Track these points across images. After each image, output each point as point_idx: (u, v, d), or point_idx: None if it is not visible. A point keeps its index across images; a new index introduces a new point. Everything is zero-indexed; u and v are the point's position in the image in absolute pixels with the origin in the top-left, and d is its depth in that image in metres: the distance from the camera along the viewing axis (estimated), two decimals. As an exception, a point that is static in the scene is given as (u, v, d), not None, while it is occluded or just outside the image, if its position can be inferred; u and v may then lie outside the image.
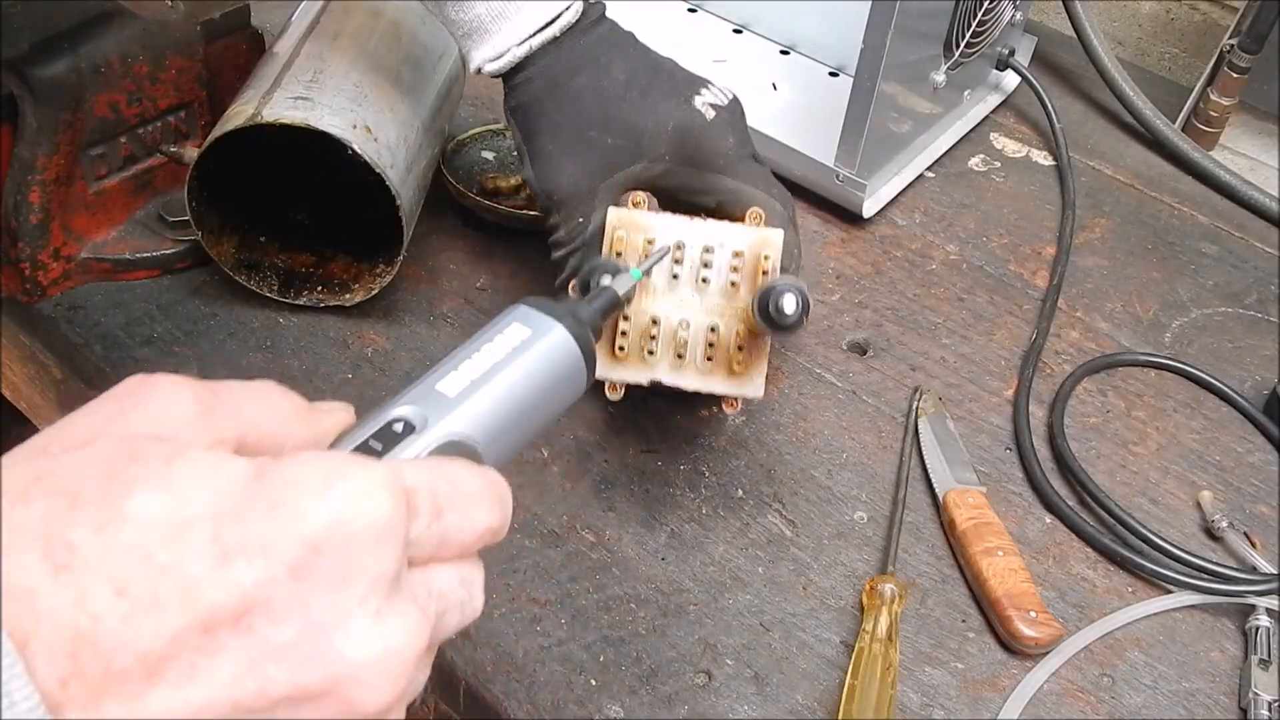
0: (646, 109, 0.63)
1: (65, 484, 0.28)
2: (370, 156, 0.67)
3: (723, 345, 0.60)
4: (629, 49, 0.65)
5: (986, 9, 0.87)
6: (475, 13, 0.61)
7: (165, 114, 0.75)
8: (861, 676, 0.56)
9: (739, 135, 0.65)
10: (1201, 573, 0.64)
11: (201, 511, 0.28)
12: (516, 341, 0.38)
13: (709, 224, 0.61)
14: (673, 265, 0.60)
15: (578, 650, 0.59)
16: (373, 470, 0.30)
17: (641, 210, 0.61)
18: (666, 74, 0.65)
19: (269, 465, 0.30)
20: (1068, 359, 0.78)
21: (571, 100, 0.62)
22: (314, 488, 0.29)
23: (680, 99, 0.63)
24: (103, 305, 0.74)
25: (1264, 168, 1.02)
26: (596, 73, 0.63)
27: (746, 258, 0.60)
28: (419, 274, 0.77)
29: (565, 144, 0.63)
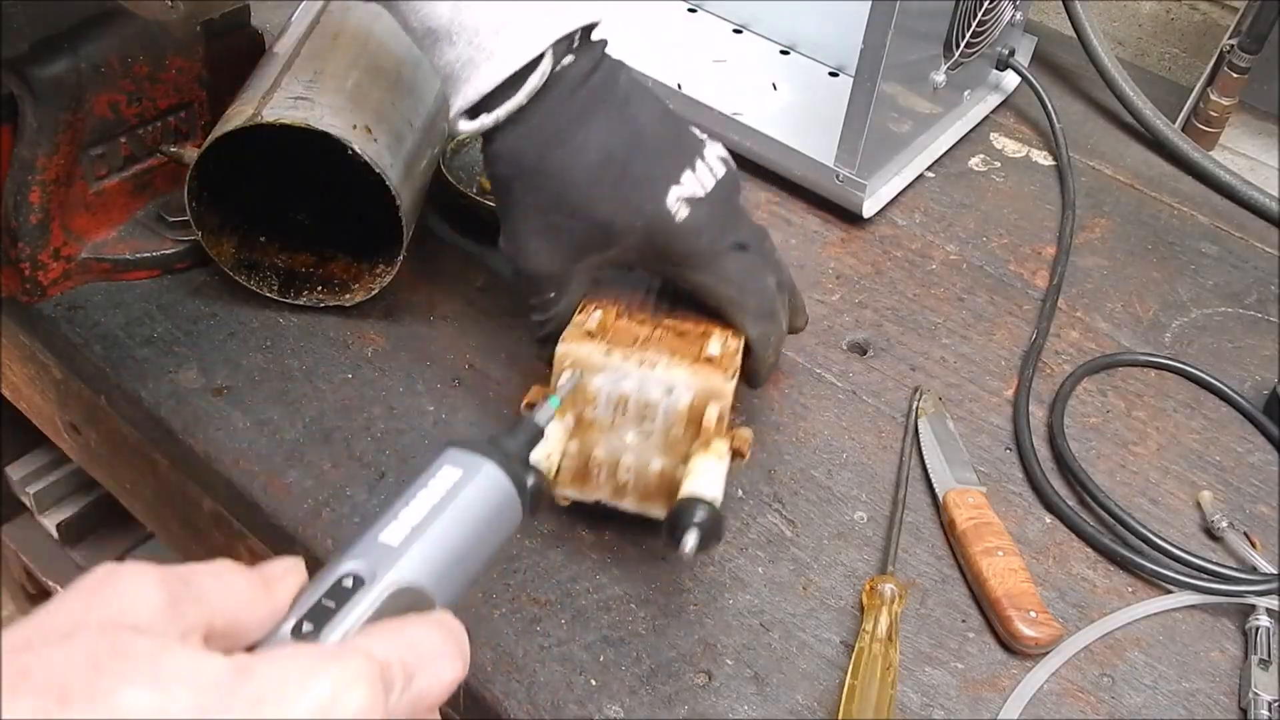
0: (618, 200, 0.58)
1: (52, 679, 0.29)
2: (370, 156, 0.67)
3: (666, 480, 0.59)
4: (613, 117, 0.58)
5: (986, 9, 0.87)
6: (445, 60, 0.57)
7: (165, 114, 0.75)
8: (861, 676, 0.56)
9: (718, 228, 0.59)
10: (1201, 573, 0.64)
11: (188, 707, 0.29)
12: (450, 484, 0.40)
13: (657, 370, 0.57)
14: (615, 405, 0.58)
15: (578, 650, 0.59)
16: (348, 662, 0.31)
17: (594, 346, 0.58)
18: (646, 154, 0.58)
19: (249, 663, 0.31)
20: (1068, 359, 0.78)
21: (540, 184, 0.58)
22: (295, 686, 0.30)
23: (655, 189, 0.58)
24: (103, 305, 0.74)
25: (1264, 168, 1.02)
26: (568, 155, 0.57)
27: (692, 408, 0.57)
28: (419, 274, 0.77)
29: (535, 226, 0.59)
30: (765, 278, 0.62)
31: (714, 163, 0.60)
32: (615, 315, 0.61)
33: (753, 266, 0.61)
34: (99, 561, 1.13)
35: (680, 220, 0.58)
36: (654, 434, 0.58)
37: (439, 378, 0.72)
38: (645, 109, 0.60)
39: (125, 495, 0.82)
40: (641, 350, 0.58)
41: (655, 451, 0.59)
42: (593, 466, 0.59)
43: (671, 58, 0.97)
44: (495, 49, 0.55)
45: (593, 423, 0.58)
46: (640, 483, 0.59)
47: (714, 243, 0.59)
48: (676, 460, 0.58)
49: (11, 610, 1.49)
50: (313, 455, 0.66)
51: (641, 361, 0.57)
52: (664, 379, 0.57)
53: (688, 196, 0.58)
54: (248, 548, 0.70)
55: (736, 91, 0.94)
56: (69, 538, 1.23)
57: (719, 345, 0.59)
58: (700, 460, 0.56)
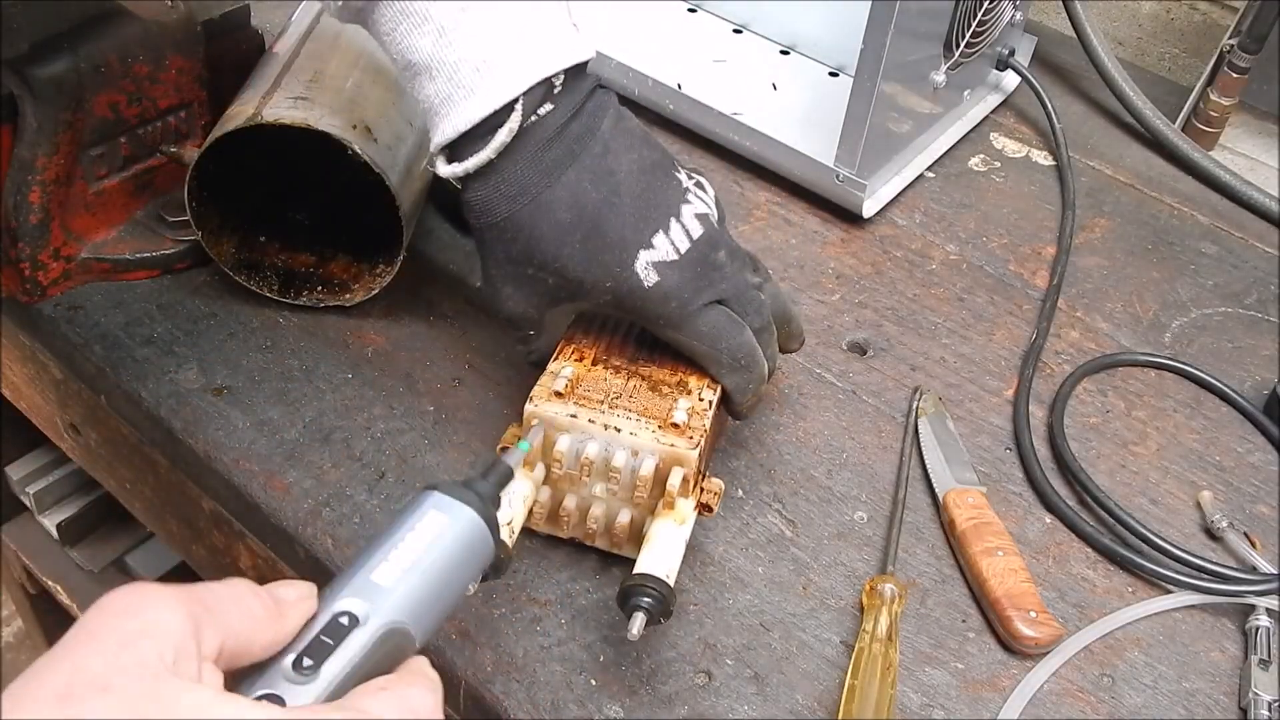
0: (586, 260, 0.57)
1: None
2: (370, 157, 0.67)
3: (635, 528, 0.59)
4: (585, 173, 0.56)
5: (986, 9, 0.87)
6: (425, 94, 0.56)
7: (165, 114, 0.75)
8: (861, 676, 0.56)
9: (690, 291, 0.58)
10: (1201, 573, 0.64)
11: None
12: (435, 529, 0.44)
13: (623, 435, 0.57)
14: (581, 464, 0.58)
15: (578, 650, 0.59)
16: None
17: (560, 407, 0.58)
18: (619, 215, 0.57)
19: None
20: (1068, 359, 0.78)
21: (510, 237, 0.57)
22: None
23: (625, 253, 0.56)
24: (103, 305, 0.74)
25: (1264, 168, 1.02)
26: (536, 211, 0.56)
27: (658, 472, 0.57)
28: (419, 274, 0.77)
29: (507, 274, 0.59)
30: (741, 331, 0.60)
31: (690, 223, 0.58)
32: (591, 361, 0.61)
33: (727, 322, 0.59)
34: (99, 561, 1.13)
35: (649, 286, 0.57)
36: (621, 490, 0.59)
37: (439, 378, 0.72)
38: (625, 158, 0.57)
39: (125, 495, 0.82)
40: (610, 410, 0.58)
41: (623, 505, 0.59)
42: (563, 514, 0.60)
43: (671, 58, 0.97)
44: (475, 86, 0.54)
45: (563, 475, 0.59)
46: (609, 531, 0.60)
47: (684, 306, 0.58)
48: (645, 512, 0.59)
49: (11, 610, 1.49)
50: (313, 455, 0.66)
51: (606, 425, 0.57)
52: (629, 444, 0.57)
53: (658, 261, 0.57)
54: (248, 548, 0.70)
55: (736, 91, 0.94)
56: (69, 538, 1.23)
57: (685, 410, 0.58)
58: (659, 526, 0.56)
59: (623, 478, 0.58)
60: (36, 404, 0.83)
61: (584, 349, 0.62)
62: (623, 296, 0.58)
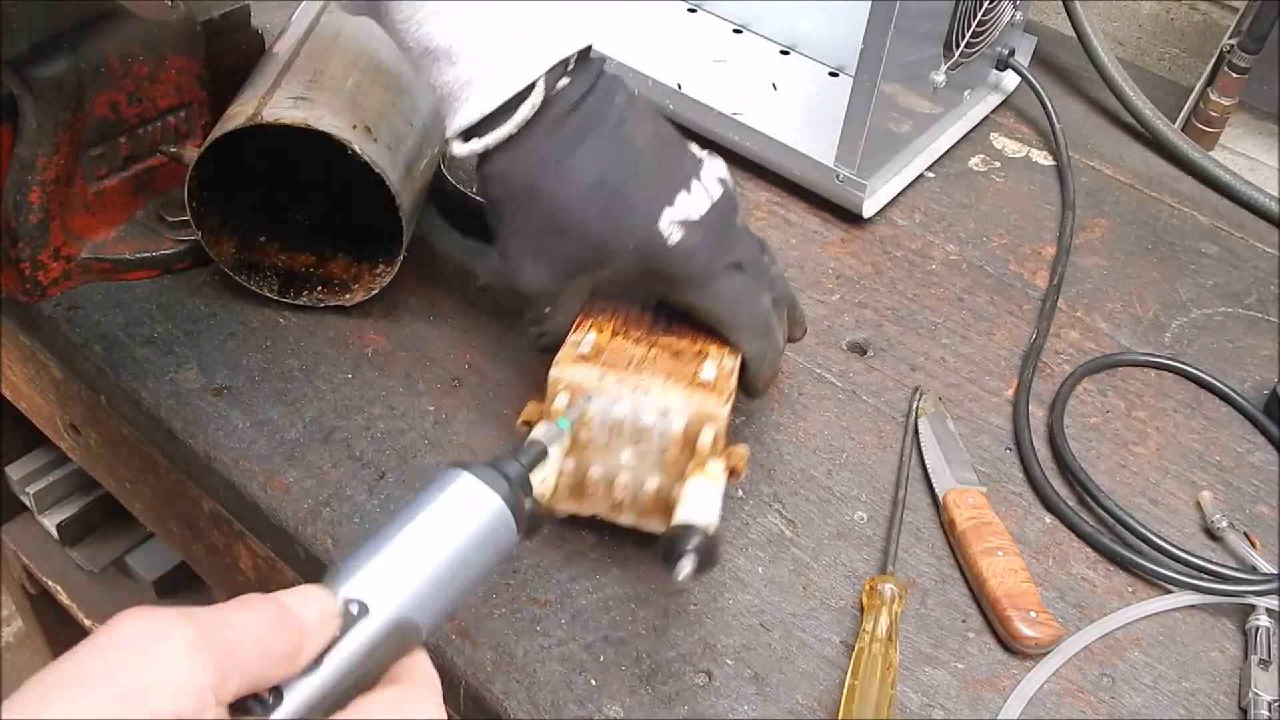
0: (610, 223, 0.57)
1: None
2: (370, 156, 0.67)
3: (662, 498, 0.59)
4: (605, 141, 0.58)
5: (986, 9, 0.87)
6: (443, 79, 0.57)
7: (165, 114, 0.75)
8: (861, 676, 0.56)
9: (712, 251, 0.58)
10: (1201, 573, 0.64)
11: None
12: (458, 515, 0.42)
13: (650, 395, 0.57)
14: (610, 427, 0.58)
15: (578, 650, 0.59)
16: None
17: (588, 370, 0.58)
18: (640, 178, 0.57)
19: None
20: (1068, 359, 0.78)
21: (532, 206, 0.58)
22: None
23: (648, 213, 0.57)
24: (103, 305, 0.74)
25: (1264, 168, 1.02)
26: (559, 177, 0.57)
27: (687, 430, 0.57)
28: (419, 274, 0.77)
29: (526, 246, 0.59)
30: (760, 297, 0.61)
31: (710, 184, 0.59)
32: (610, 334, 0.61)
33: (747, 286, 0.60)
34: (99, 561, 1.12)
35: (673, 244, 0.57)
36: (649, 455, 0.58)
37: (439, 378, 0.72)
38: (640, 129, 0.59)
39: (125, 495, 0.82)
40: (636, 373, 0.58)
41: (651, 471, 0.59)
42: (589, 484, 0.59)
43: (671, 58, 0.97)
44: (496, 70, 0.55)
45: (588, 443, 0.58)
46: (636, 501, 0.59)
47: (708, 265, 0.58)
48: (673, 479, 0.58)
49: (11, 610, 1.49)
50: (313, 455, 0.66)
51: (635, 386, 0.57)
52: (658, 404, 0.57)
53: (681, 219, 0.57)
54: (248, 548, 0.70)
55: (736, 91, 0.94)
56: (69, 538, 1.23)
57: (714, 369, 0.59)
58: (694, 483, 0.56)
59: (652, 440, 0.57)
60: (36, 404, 0.83)
61: (601, 323, 0.62)
62: (646, 257, 0.58)
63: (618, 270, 0.59)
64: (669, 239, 0.57)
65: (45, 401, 0.81)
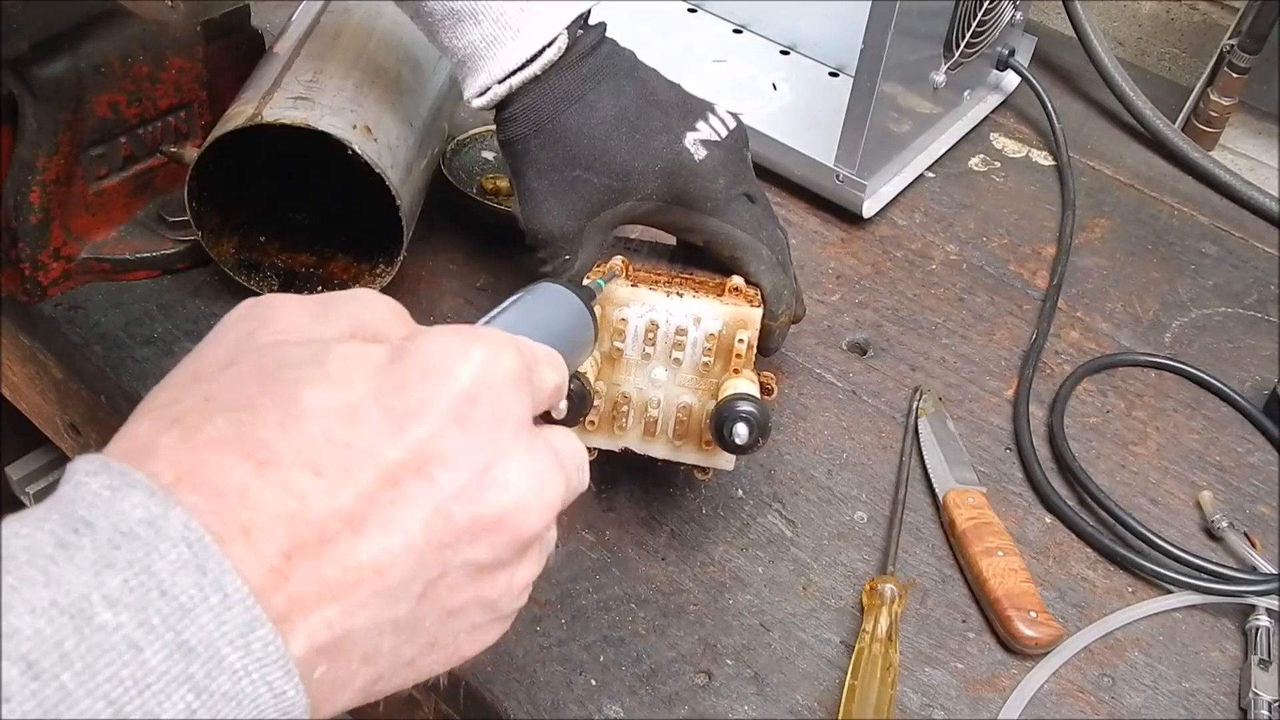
0: (634, 147, 0.61)
1: (236, 397, 0.32)
2: (370, 156, 0.67)
3: (695, 421, 0.60)
4: (623, 79, 0.62)
5: (986, 9, 0.87)
6: (468, 39, 0.59)
7: (165, 114, 0.75)
8: (861, 676, 0.56)
9: (732, 174, 0.63)
10: (1201, 573, 0.64)
11: (365, 392, 0.32)
12: (531, 297, 0.45)
13: (684, 300, 0.58)
14: (644, 342, 0.59)
15: (578, 650, 0.59)
16: (495, 333, 0.36)
17: (619, 284, 0.59)
18: (660, 107, 0.62)
19: (404, 344, 0.34)
20: (1068, 359, 0.78)
21: (556, 140, 0.60)
22: (456, 352, 0.34)
23: (671, 136, 0.61)
24: (103, 305, 0.74)
25: (1264, 168, 1.02)
26: (583, 110, 0.60)
27: (721, 336, 0.58)
28: (419, 274, 0.77)
29: (551, 184, 0.61)
30: (774, 227, 0.64)
31: (724, 115, 0.63)
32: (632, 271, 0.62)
33: (764, 216, 0.64)
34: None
35: (699, 159, 0.61)
36: (683, 367, 0.59)
37: (439, 378, 0.72)
38: (652, 75, 0.63)
39: (125, 495, 0.82)
40: (666, 285, 0.60)
41: (685, 387, 0.60)
42: (621, 406, 0.60)
43: (671, 58, 0.96)
44: (521, 27, 0.59)
45: (620, 359, 0.59)
46: (669, 421, 0.60)
47: (729, 187, 0.62)
48: (706, 397, 0.59)
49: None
50: (313, 455, 0.66)
51: (669, 293, 0.59)
52: (691, 309, 0.58)
53: (704, 139, 0.61)
54: (248, 548, 0.70)
55: (736, 91, 0.94)
56: (69, 538, 1.23)
57: (742, 281, 0.61)
58: (734, 381, 0.58)
59: (687, 345, 0.58)
60: (36, 404, 0.83)
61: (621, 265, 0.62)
62: (673, 174, 0.61)
63: (642, 198, 0.61)
64: (695, 154, 0.61)
65: (45, 401, 0.81)
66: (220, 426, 0.31)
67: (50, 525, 0.28)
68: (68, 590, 0.26)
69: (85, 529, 0.28)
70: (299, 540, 0.30)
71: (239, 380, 0.32)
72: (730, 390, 0.56)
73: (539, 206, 0.61)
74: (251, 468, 0.30)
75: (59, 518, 0.28)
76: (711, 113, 0.63)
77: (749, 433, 0.53)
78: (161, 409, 0.32)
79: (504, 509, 0.34)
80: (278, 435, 0.31)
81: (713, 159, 0.61)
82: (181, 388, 0.33)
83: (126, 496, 0.29)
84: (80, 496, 0.29)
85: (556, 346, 0.43)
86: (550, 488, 0.36)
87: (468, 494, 0.33)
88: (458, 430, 0.33)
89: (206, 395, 0.32)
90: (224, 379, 0.32)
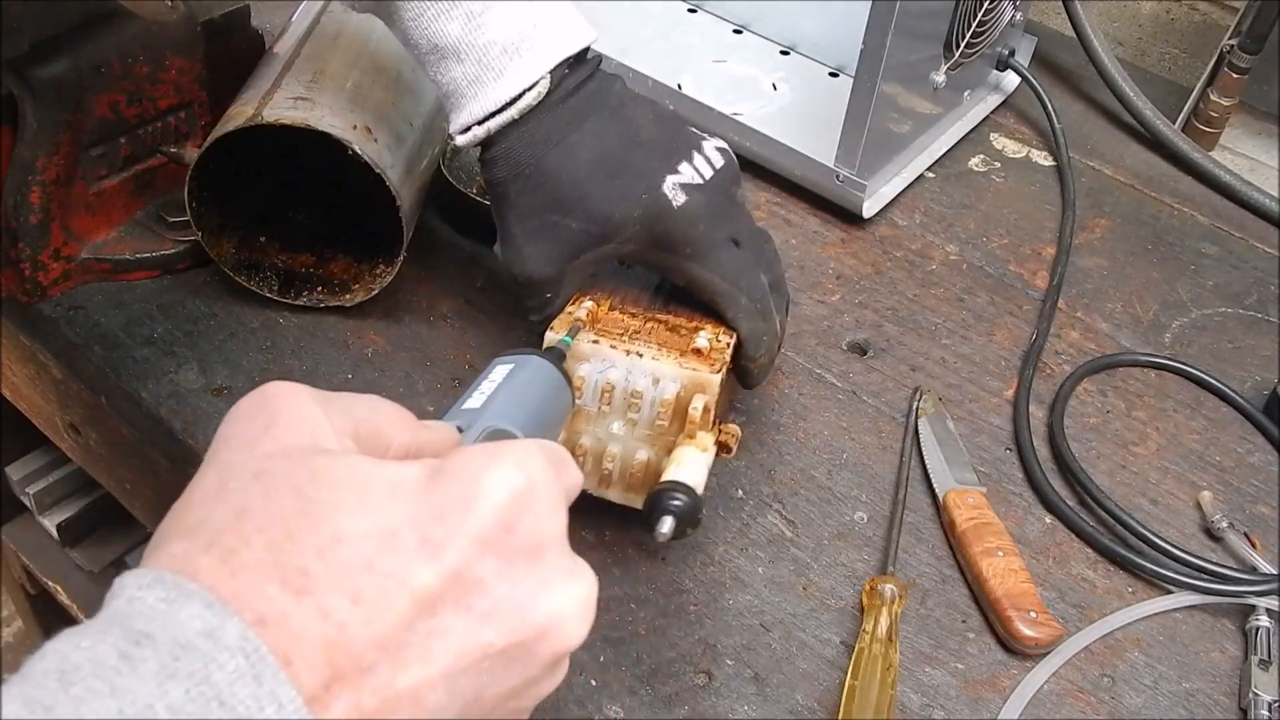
0: (613, 192, 0.59)
1: (271, 519, 0.32)
2: (370, 157, 0.67)
3: (651, 473, 0.59)
4: (605, 119, 0.60)
5: (986, 9, 0.87)
6: (451, 76, 0.58)
7: (165, 114, 0.75)
8: (861, 677, 0.56)
9: (715, 218, 0.60)
10: (1201, 573, 0.64)
11: (402, 519, 0.33)
12: (507, 370, 0.46)
13: (644, 360, 0.57)
14: (601, 393, 0.58)
15: (578, 650, 0.58)
16: (524, 447, 0.36)
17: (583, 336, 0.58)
18: (642, 149, 0.59)
19: (440, 465, 0.35)
20: (1068, 359, 0.78)
21: (536, 185, 0.59)
22: (492, 474, 0.34)
23: (651, 180, 0.59)
24: (103, 305, 0.74)
25: (1264, 168, 1.02)
26: (562, 155, 0.59)
27: (679, 399, 0.57)
28: (419, 274, 0.77)
29: (530, 229, 0.60)
30: (757, 274, 0.62)
31: (711, 154, 0.61)
32: (608, 307, 0.62)
33: (747, 262, 0.61)
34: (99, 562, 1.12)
35: (678, 205, 0.59)
36: (640, 424, 0.58)
37: (439, 378, 0.72)
38: (639, 112, 0.61)
39: (125, 495, 0.82)
40: (629, 340, 0.59)
41: (641, 442, 0.59)
42: (579, 455, 0.59)
43: (671, 58, 0.97)
44: (504, 68, 0.57)
45: (579, 411, 0.59)
46: (625, 473, 0.60)
47: (710, 232, 0.60)
48: (662, 452, 0.58)
49: (11, 610, 1.49)
50: (313, 455, 0.66)
51: (629, 351, 0.58)
52: (650, 369, 0.58)
53: (685, 183, 0.59)
54: (248, 548, 0.70)
55: (736, 91, 0.94)
56: (69, 538, 1.23)
57: (707, 339, 0.59)
58: (683, 450, 0.56)
59: (643, 406, 0.58)
60: (36, 404, 0.83)
61: (599, 298, 0.62)
62: (652, 221, 0.59)
63: (622, 242, 0.60)
64: (674, 200, 0.59)
65: (45, 401, 0.81)
66: (258, 551, 0.31)
67: (112, 638, 0.29)
68: (133, 701, 0.27)
69: (146, 641, 0.29)
70: (338, 670, 0.31)
71: (272, 498, 0.32)
72: (671, 470, 0.55)
73: (519, 251, 0.60)
74: (290, 595, 0.31)
75: (120, 631, 0.29)
76: (697, 151, 0.60)
77: (673, 527, 0.52)
78: (194, 529, 0.32)
79: (542, 632, 0.35)
80: (316, 563, 0.31)
81: (692, 204, 0.59)
82: (211, 504, 0.33)
83: (184, 608, 0.30)
84: (137, 611, 0.30)
85: (547, 425, 0.45)
86: (589, 608, 0.37)
87: (506, 619, 0.34)
88: (494, 558, 0.34)
89: (239, 511, 0.32)
90: (254, 493, 0.33)
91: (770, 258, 0.64)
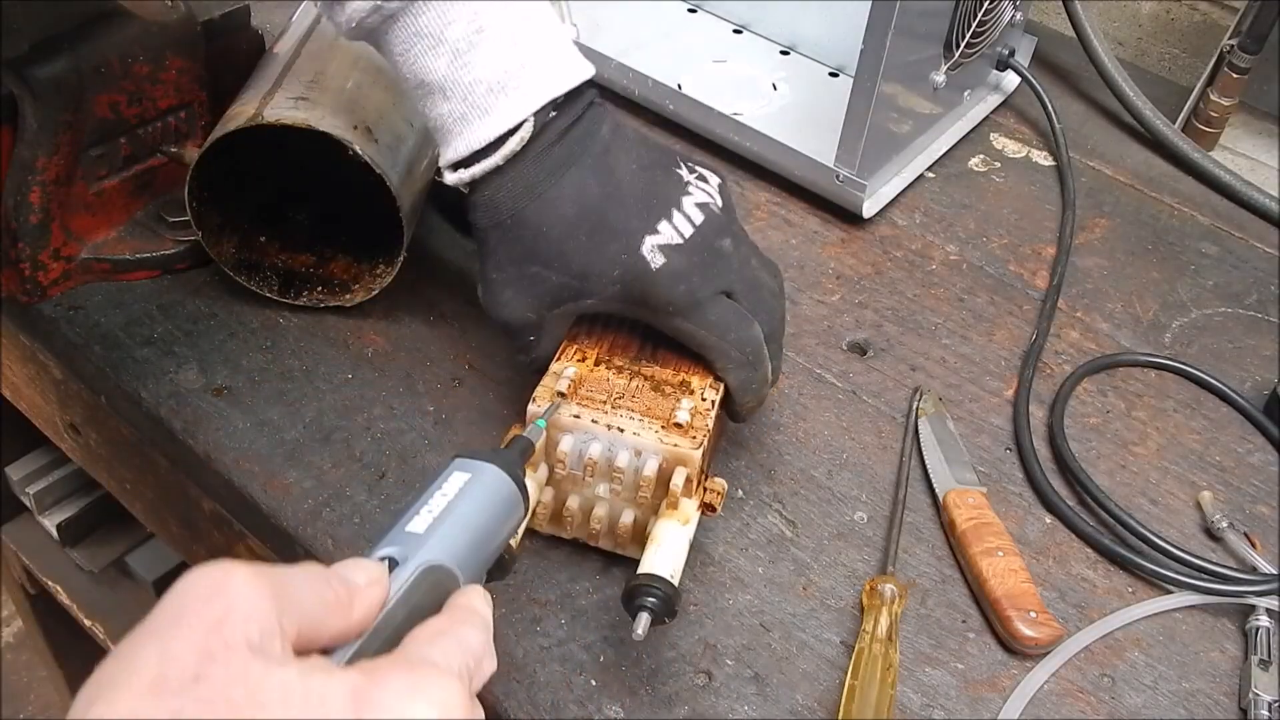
0: (591, 250, 0.57)
1: None
2: (370, 157, 0.67)
3: (639, 530, 0.59)
4: (588, 171, 0.58)
5: (986, 9, 0.87)
6: (438, 112, 0.58)
7: (165, 114, 0.75)
8: (861, 677, 0.56)
9: (699, 275, 0.58)
10: (1201, 573, 0.64)
11: None
12: (461, 483, 0.46)
13: (625, 435, 0.57)
14: (585, 465, 0.58)
15: (578, 650, 0.59)
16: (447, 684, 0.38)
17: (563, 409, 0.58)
18: (623, 205, 0.58)
19: (368, 692, 0.36)
20: (1068, 359, 0.78)
21: (515, 236, 0.58)
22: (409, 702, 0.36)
23: (629, 240, 0.57)
24: (103, 305, 0.74)
25: (1264, 168, 1.02)
26: (542, 208, 0.57)
27: (661, 472, 0.57)
28: (419, 274, 0.77)
29: (509, 276, 0.59)
30: (748, 326, 0.60)
31: (691, 211, 0.59)
32: (594, 362, 0.61)
33: (735, 315, 0.60)
34: (99, 561, 1.13)
35: (657, 268, 0.57)
36: (624, 491, 0.59)
37: (439, 378, 0.72)
38: (624, 157, 0.59)
39: (125, 495, 0.82)
40: (612, 412, 0.58)
41: (626, 505, 0.59)
42: (566, 515, 0.60)
43: (671, 58, 0.97)
44: (490, 107, 0.56)
45: (565, 477, 0.59)
46: (612, 530, 0.60)
47: (693, 291, 0.58)
48: (649, 512, 0.59)
49: (11, 610, 1.49)
50: (313, 455, 0.66)
51: (610, 426, 0.57)
52: (632, 444, 0.57)
53: (664, 244, 0.57)
54: (248, 548, 0.70)
55: (736, 91, 0.94)
56: (69, 538, 1.23)
57: (688, 410, 0.58)
58: (663, 526, 0.56)
59: (626, 478, 0.58)
60: (36, 404, 0.83)
61: (586, 349, 0.62)
62: (630, 282, 0.58)
63: (603, 299, 0.59)
64: (652, 263, 0.57)
65: (45, 401, 0.81)
66: None
67: None
68: None
69: None
70: None
71: (205, 710, 0.33)
72: (649, 553, 0.55)
73: (498, 297, 0.60)
74: None
75: None
76: (678, 208, 0.58)
77: (648, 625, 0.52)
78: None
79: None
80: None
81: (672, 266, 0.57)
82: (149, 696, 0.33)
83: None
84: None
85: (492, 547, 0.46)
86: None
87: None
88: None
89: (176, 710, 0.33)
90: (190, 701, 0.33)
91: (768, 303, 0.62)
